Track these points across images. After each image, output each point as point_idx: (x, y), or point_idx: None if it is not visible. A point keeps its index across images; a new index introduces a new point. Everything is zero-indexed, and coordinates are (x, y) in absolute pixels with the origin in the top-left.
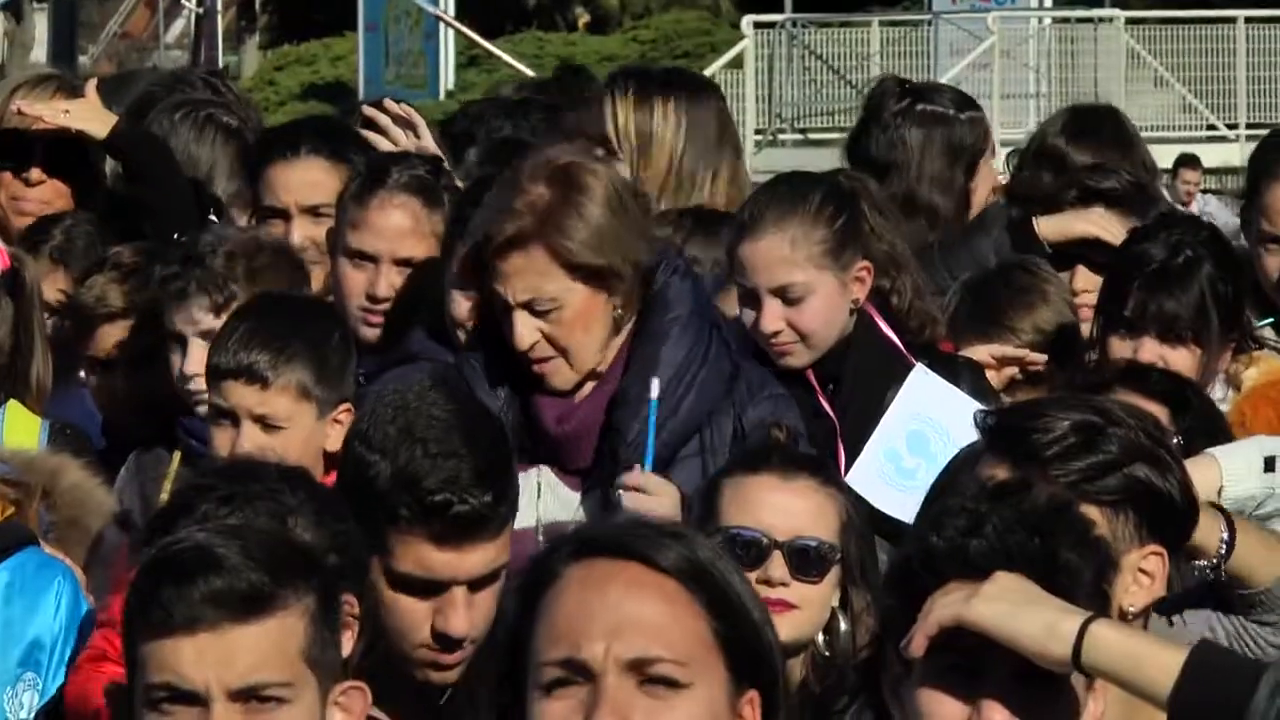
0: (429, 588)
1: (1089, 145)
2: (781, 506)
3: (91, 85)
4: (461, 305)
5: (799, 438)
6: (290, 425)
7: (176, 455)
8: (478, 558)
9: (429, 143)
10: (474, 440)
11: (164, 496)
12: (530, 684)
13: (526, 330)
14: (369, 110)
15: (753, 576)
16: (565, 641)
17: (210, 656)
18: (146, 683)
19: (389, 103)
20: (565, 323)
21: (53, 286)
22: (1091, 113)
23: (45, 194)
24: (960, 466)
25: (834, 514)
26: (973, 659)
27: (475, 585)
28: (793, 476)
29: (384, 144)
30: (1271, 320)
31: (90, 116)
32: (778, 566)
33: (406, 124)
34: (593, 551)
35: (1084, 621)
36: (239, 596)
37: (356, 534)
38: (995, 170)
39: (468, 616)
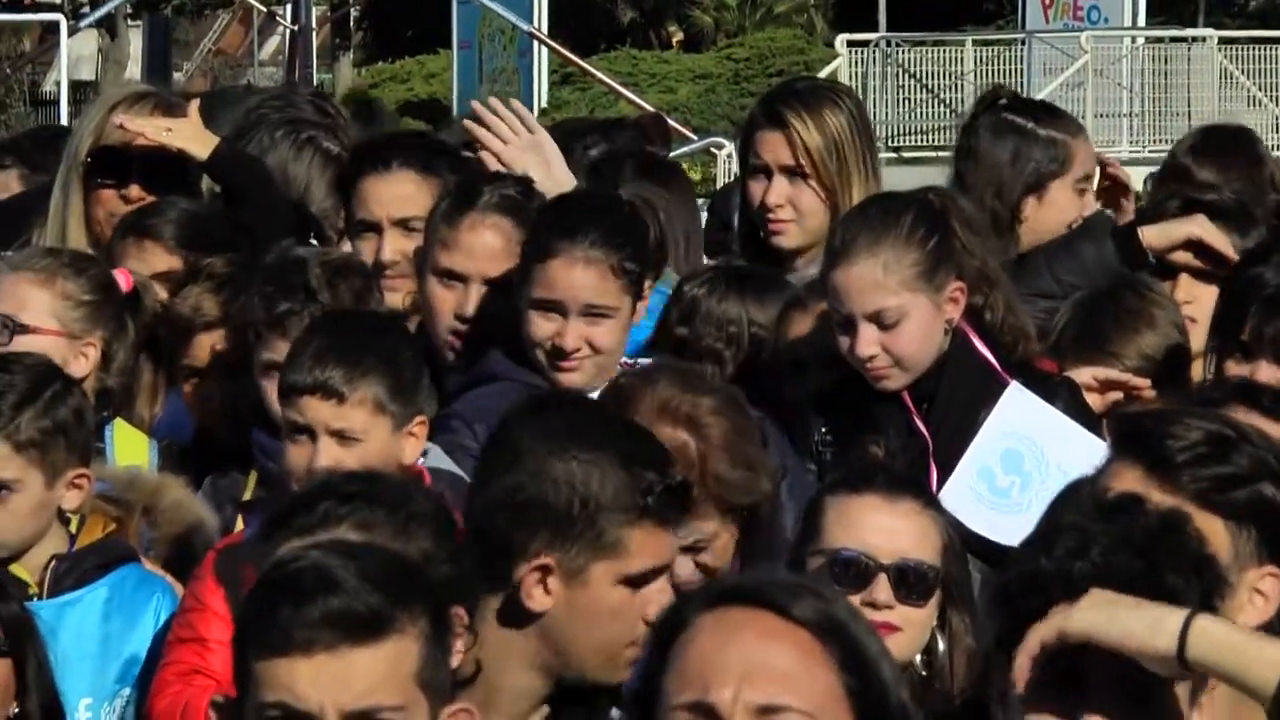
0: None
1: (1215, 164)
2: (886, 528)
3: (194, 106)
4: (541, 326)
5: (894, 456)
6: (366, 439)
7: (253, 476)
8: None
9: (542, 134)
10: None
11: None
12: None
13: None
14: (468, 124)
15: (857, 598)
16: (696, 685)
17: (326, 679)
18: (261, 701)
19: (494, 101)
20: None
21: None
22: (1221, 132)
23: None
24: (1081, 484)
25: (936, 535)
26: (1074, 674)
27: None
28: (897, 498)
29: (489, 157)
30: None
31: (192, 136)
32: (883, 589)
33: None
34: (727, 600)
35: (1188, 615)
36: (356, 620)
37: (460, 556)
38: (1081, 199)
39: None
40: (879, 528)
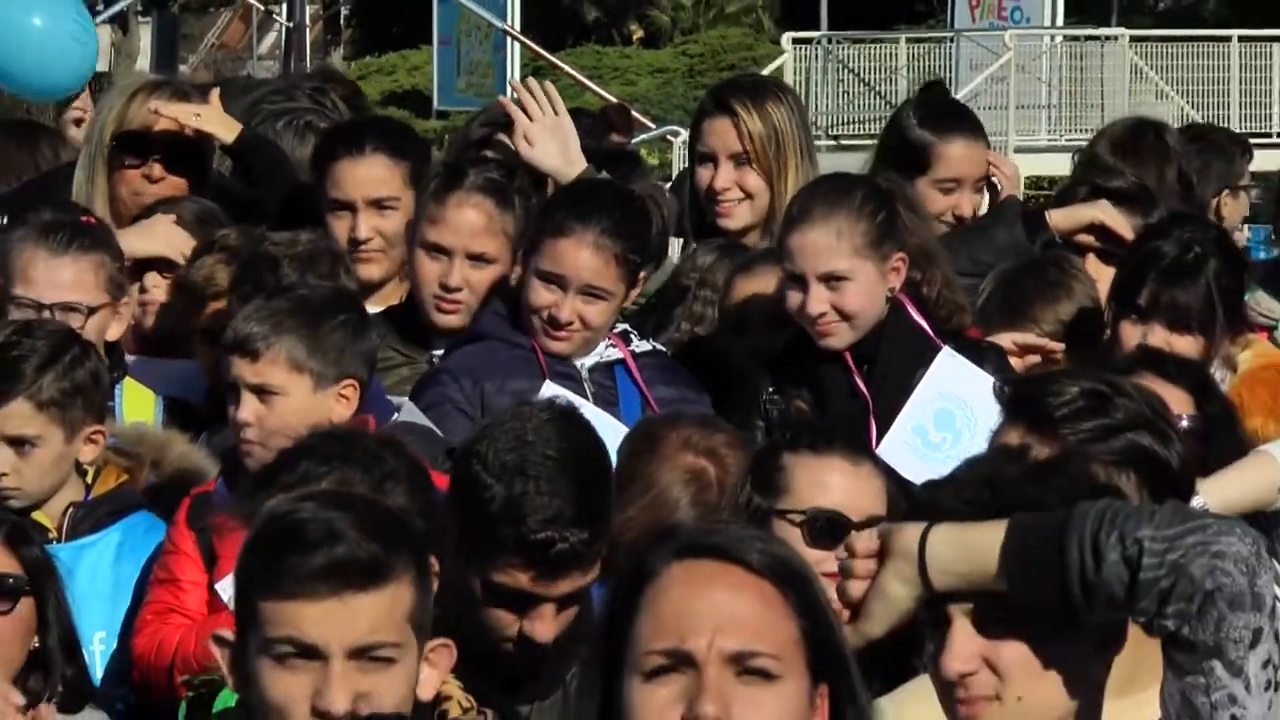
0: (521, 601)
1: (1130, 158)
2: (853, 489)
3: (215, 94)
4: (541, 295)
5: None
6: (285, 394)
7: None
8: (569, 584)
9: (565, 118)
10: (580, 481)
11: None
12: (629, 669)
13: None
14: (503, 99)
15: (832, 554)
16: (671, 633)
17: (333, 620)
18: (270, 636)
19: (531, 81)
20: None
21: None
22: (1138, 127)
23: (164, 189)
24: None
25: (886, 493)
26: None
27: (564, 603)
28: (859, 460)
29: (521, 138)
30: None
31: (218, 121)
32: (863, 542)
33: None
34: (696, 553)
35: (921, 535)
36: (360, 568)
37: (440, 501)
38: (945, 196)
39: (553, 627)
40: (847, 488)
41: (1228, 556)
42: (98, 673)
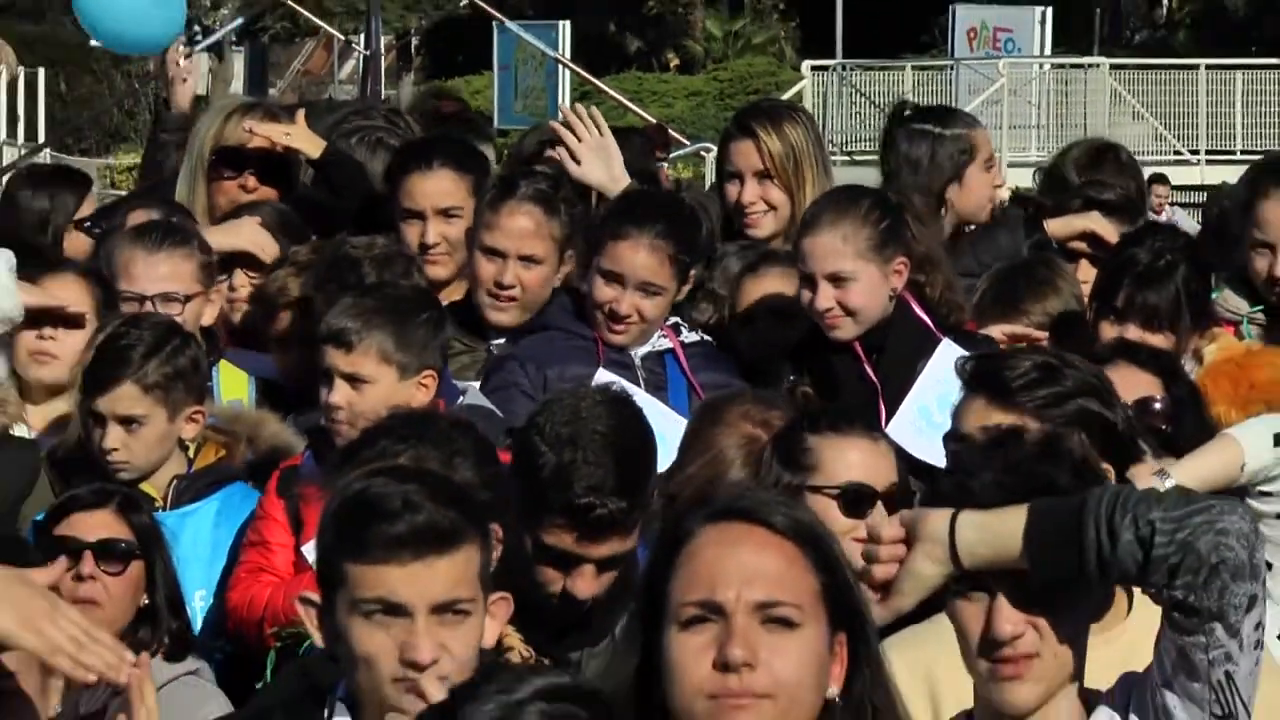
0: (565, 561)
1: (1092, 173)
2: (873, 463)
3: (300, 114)
4: (604, 291)
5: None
6: (374, 383)
7: None
8: (608, 548)
9: (609, 138)
10: (623, 457)
11: None
12: (667, 620)
13: None
14: (554, 124)
15: (862, 524)
16: (704, 586)
17: (417, 581)
18: (359, 597)
19: (579, 107)
20: None
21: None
22: (1104, 147)
23: (257, 199)
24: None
25: (898, 465)
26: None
27: (604, 565)
28: (876, 437)
29: (564, 153)
30: (1261, 308)
31: (306, 139)
32: (880, 513)
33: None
34: (726, 516)
35: (950, 520)
36: (438, 534)
37: (503, 475)
38: (990, 177)
39: (592, 586)
40: (868, 462)
41: (1231, 533)
42: (198, 626)
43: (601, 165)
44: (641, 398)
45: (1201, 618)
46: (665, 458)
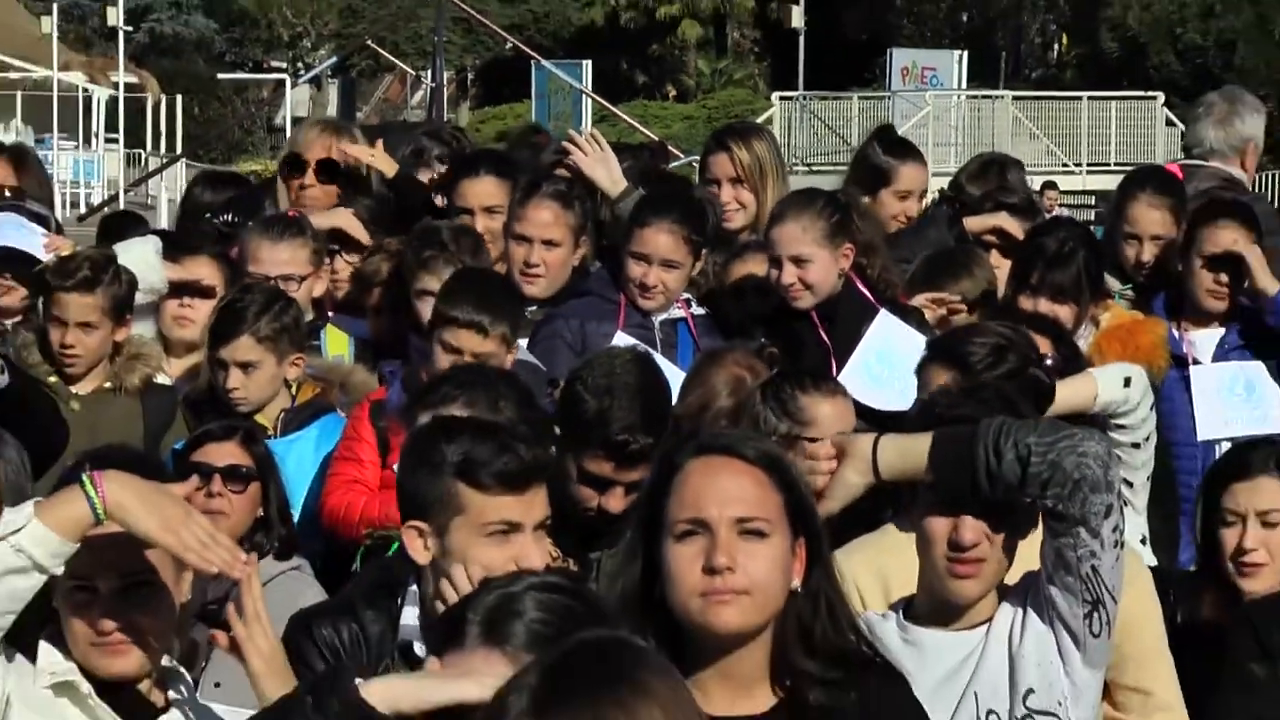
0: (602, 484)
1: (983, 182)
2: (844, 412)
3: (380, 143)
4: (634, 269)
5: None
6: (495, 359)
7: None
8: (637, 474)
9: (608, 152)
10: (648, 402)
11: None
12: (665, 534)
13: None
14: (565, 143)
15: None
16: (692, 507)
17: (528, 507)
18: (484, 521)
19: (583, 129)
20: None
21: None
22: (990, 160)
23: (317, 194)
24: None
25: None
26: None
27: (629, 487)
28: (845, 393)
29: (581, 159)
30: (1130, 285)
31: (385, 162)
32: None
33: (593, 139)
34: (708, 450)
35: (873, 442)
36: (541, 470)
37: (541, 415)
38: (901, 202)
39: (622, 503)
40: (841, 413)
41: (1089, 455)
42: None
43: (603, 172)
44: (658, 358)
45: (1068, 523)
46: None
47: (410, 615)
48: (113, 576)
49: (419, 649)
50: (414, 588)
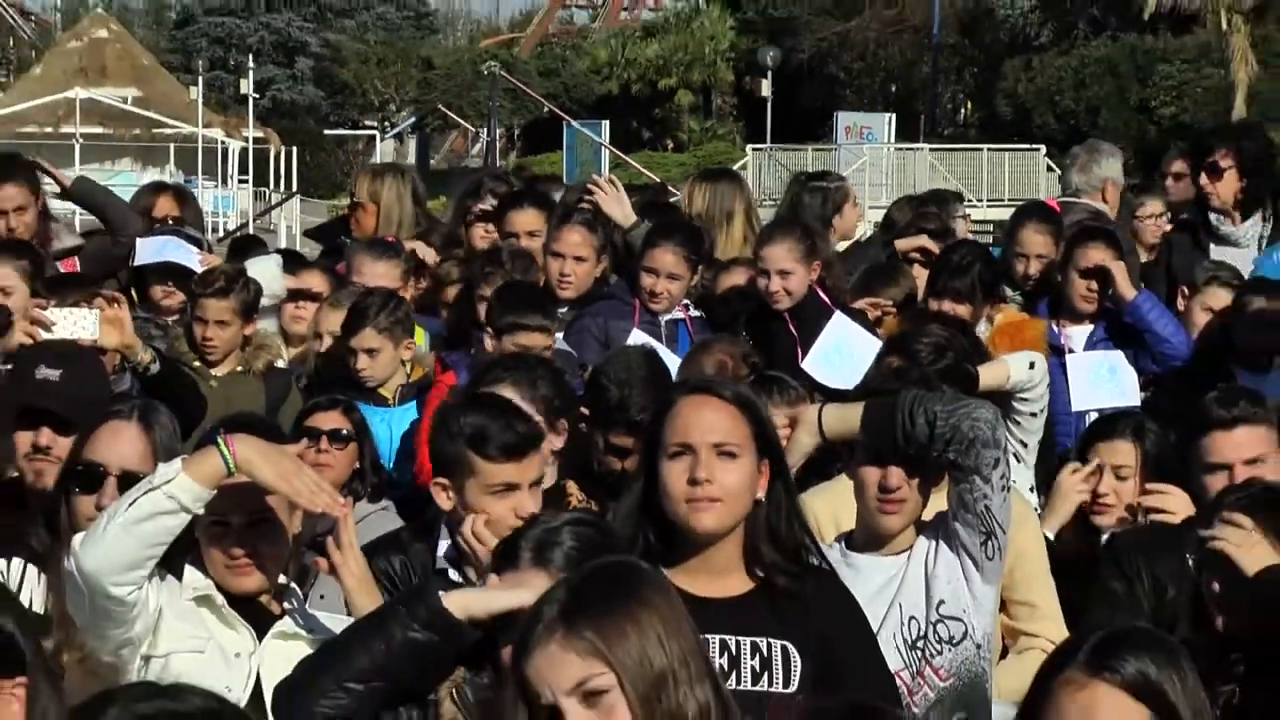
0: (624, 453)
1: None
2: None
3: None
4: (646, 280)
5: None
6: (545, 352)
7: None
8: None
9: (622, 192)
10: (657, 389)
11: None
12: (661, 455)
13: None
14: (588, 185)
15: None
16: (681, 434)
17: (527, 468)
18: (488, 483)
19: (603, 175)
20: None
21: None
22: (920, 197)
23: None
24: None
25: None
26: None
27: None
28: (800, 399)
29: (601, 198)
30: (1020, 292)
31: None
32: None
33: (611, 183)
34: (695, 390)
35: (819, 410)
36: (535, 438)
37: (569, 392)
38: (855, 211)
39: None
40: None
41: (981, 420)
42: None
43: (617, 208)
44: (663, 351)
45: (966, 472)
46: None
47: (444, 549)
48: (241, 514)
49: (453, 575)
50: (445, 529)
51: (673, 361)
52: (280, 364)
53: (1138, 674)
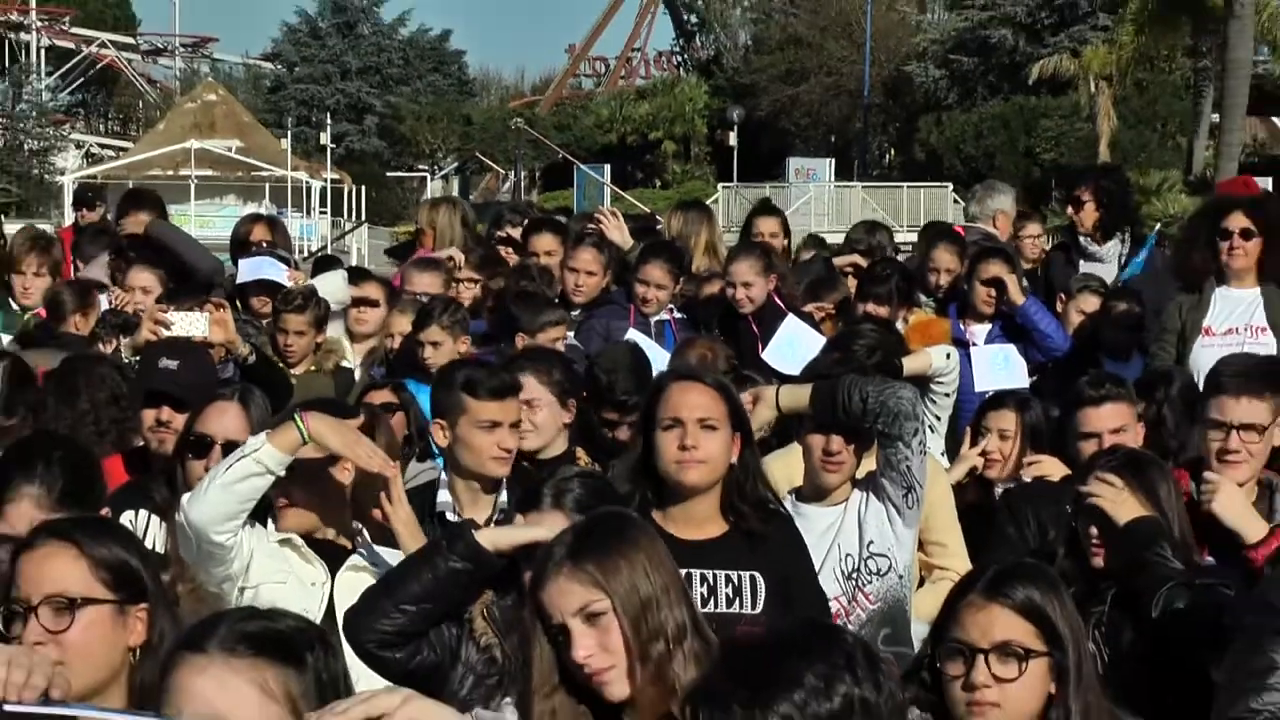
0: (615, 425)
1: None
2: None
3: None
4: (639, 289)
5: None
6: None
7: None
8: (634, 417)
9: (621, 220)
10: (640, 376)
11: None
12: (655, 428)
13: None
14: (597, 214)
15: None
16: (672, 410)
17: (508, 410)
18: (479, 419)
19: (603, 209)
20: None
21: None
22: (859, 226)
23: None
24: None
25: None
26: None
27: (630, 425)
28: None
29: (605, 226)
30: (932, 299)
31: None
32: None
33: (613, 214)
34: (682, 378)
35: (776, 390)
36: (514, 386)
37: (578, 378)
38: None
39: (627, 434)
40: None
41: (904, 398)
42: None
43: (618, 234)
44: (649, 345)
45: (892, 440)
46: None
47: (444, 496)
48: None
49: (450, 516)
50: (444, 479)
51: (660, 353)
52: (345, 364)
53: (1026, 599)
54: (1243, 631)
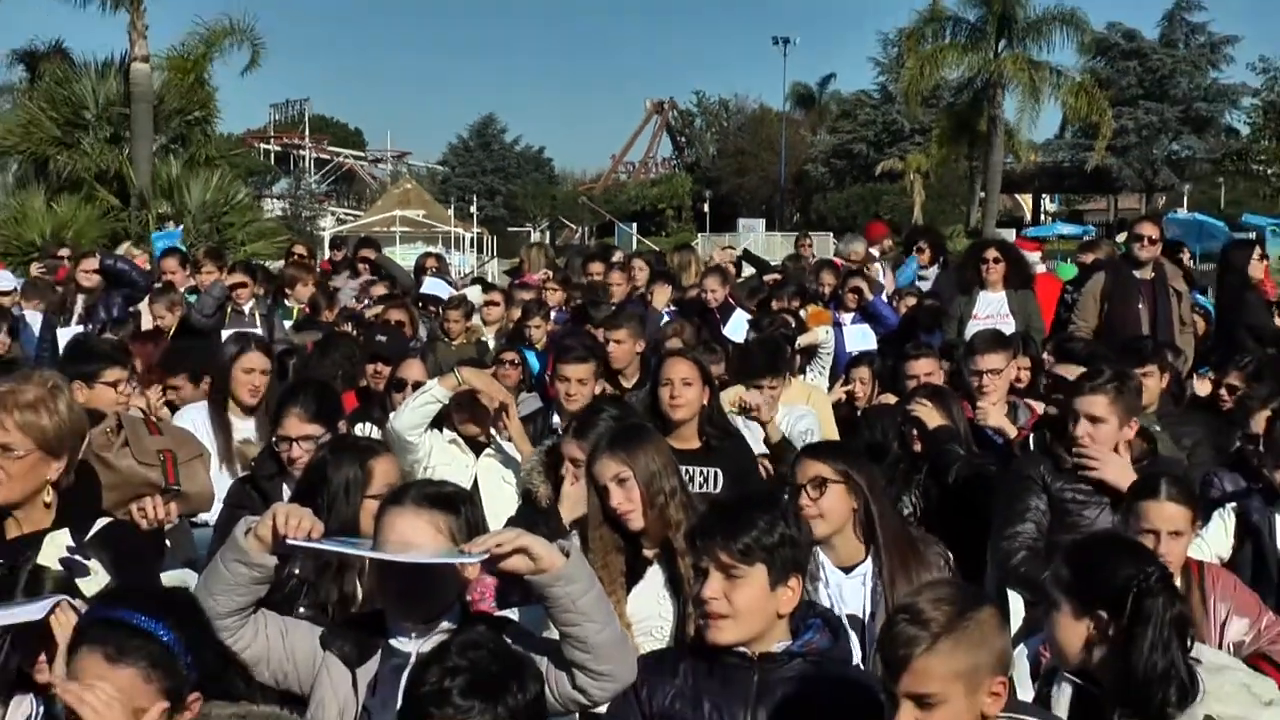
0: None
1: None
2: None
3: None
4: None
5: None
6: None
7: None
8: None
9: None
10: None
11: None
12: (658, 385)
13: None
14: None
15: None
16: (666, 374)
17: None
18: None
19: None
20: None
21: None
22: (787, 258)
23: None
24: None
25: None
26: None
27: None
28: (716, 351)
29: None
30: (820, 300)
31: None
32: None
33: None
34: (672, 354)
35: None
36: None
37: (604, 349)
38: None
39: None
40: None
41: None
42: None
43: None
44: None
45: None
46: None
47: (556, 420)
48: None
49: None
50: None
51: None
52: (482, 338)
53: (831, 450)
54: (1005, 487)
